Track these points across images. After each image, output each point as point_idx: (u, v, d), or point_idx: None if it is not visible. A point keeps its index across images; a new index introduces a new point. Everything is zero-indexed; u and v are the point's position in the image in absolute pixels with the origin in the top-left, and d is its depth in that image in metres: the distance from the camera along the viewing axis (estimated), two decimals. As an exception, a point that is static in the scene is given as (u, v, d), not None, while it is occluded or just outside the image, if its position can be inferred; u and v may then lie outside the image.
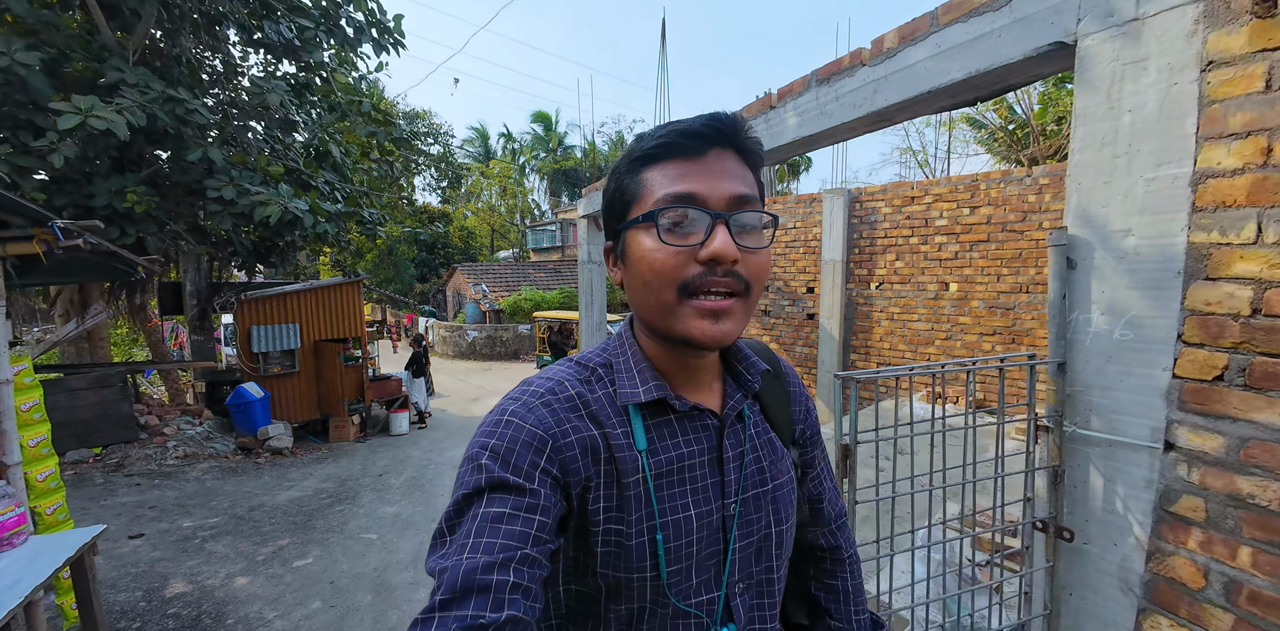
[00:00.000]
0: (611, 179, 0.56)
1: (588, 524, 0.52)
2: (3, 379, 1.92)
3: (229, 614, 2.65)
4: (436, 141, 17.15)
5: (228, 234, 5.00)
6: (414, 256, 20.14)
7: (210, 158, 4.03)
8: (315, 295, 7.41)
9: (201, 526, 3.77)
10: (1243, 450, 1.20)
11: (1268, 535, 1.17)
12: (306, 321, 7.27)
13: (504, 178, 24.48)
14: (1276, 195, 1.13)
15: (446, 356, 15.71)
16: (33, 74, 3.54)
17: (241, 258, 5.94)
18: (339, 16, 4.68)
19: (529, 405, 0.52)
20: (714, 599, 0.56)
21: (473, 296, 16.85)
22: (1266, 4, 1.13)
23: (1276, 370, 1.15)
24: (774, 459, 0.63)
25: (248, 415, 6.18)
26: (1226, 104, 1.20)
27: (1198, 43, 1.23)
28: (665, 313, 0.52)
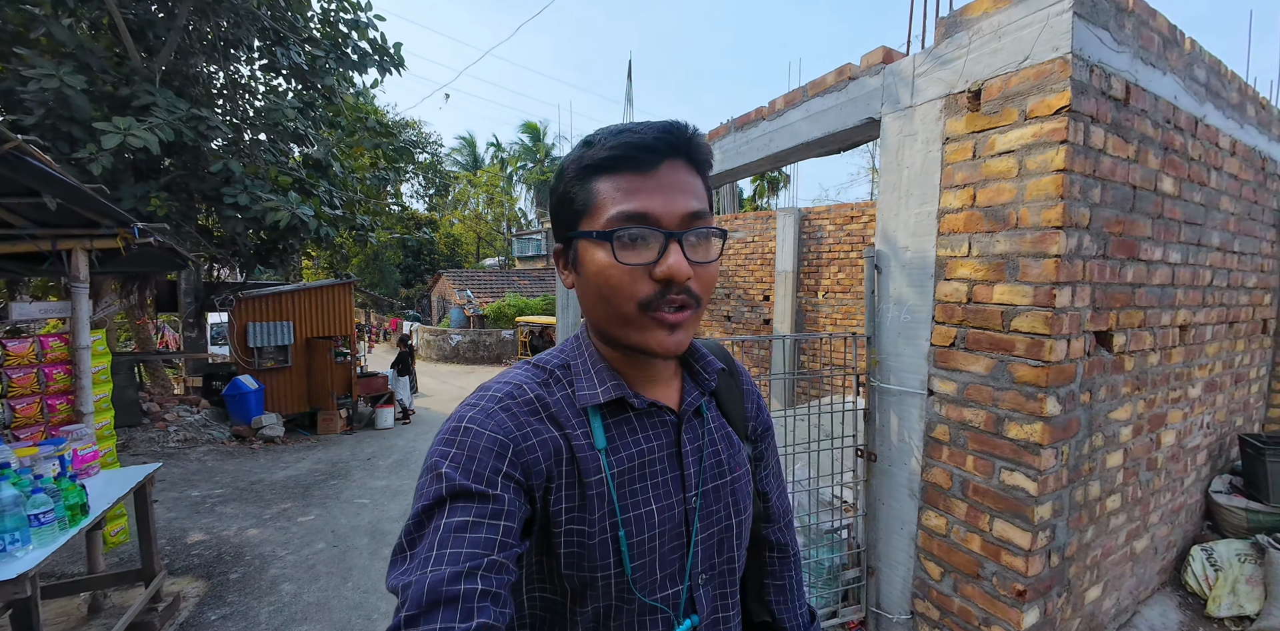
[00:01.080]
0: (559, 182, 0.55)
1: (550, 525, 0.52)
2: (83, 345, 2.45)
3: (245, 553, 3.15)
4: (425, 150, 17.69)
5: (234, 235, 5.50)
6: (400, 261, 20.52)
7: (230, 168, 4.57)
8: (308, 295, 7.88)
9: (209, 495, 4.24)
10: (965, 390, 1.86)
11: (980, 447, 1.82)
12: (299, 319, 7.73)
13: (491, 186, 25.03)
14: (978, 225, 1.80)
15: (430, 360, 16.08)
16: (76, 94, 4.07)
17: (243, 258, 6.42)
18: (347, 45, 5.28)
19: (487, 411, 0.52)
20: (678, 592, 0.57)
21: (457, 301, 17.29)
22: (976, 102, 1.81)
23: (981, 337, 1.80)
24: (731, 452, 0.64)
25: (242, 405, 6.61)
26: (954, 166, 1.87)
27: (941, 125, 1.91)
28: (623, 323, 0.52)
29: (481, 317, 16.57)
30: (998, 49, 1.71)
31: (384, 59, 5.62)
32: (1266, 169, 2.72)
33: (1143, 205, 1.88)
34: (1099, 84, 1.63)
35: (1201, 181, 2.18)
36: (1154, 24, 1.84)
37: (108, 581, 2.41)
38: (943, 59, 1.88)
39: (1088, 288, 1.71)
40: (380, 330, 19.38)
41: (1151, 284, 1.99)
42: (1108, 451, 1.91)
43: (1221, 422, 2.69)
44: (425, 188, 19.04)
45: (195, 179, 4.96)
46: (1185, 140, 2.05)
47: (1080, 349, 1.72)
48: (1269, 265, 2.90)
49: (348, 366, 8.08)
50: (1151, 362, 2.07)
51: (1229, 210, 2.42)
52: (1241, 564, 2.39)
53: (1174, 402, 2.25)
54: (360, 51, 5.41)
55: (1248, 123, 2.51)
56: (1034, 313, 1.64)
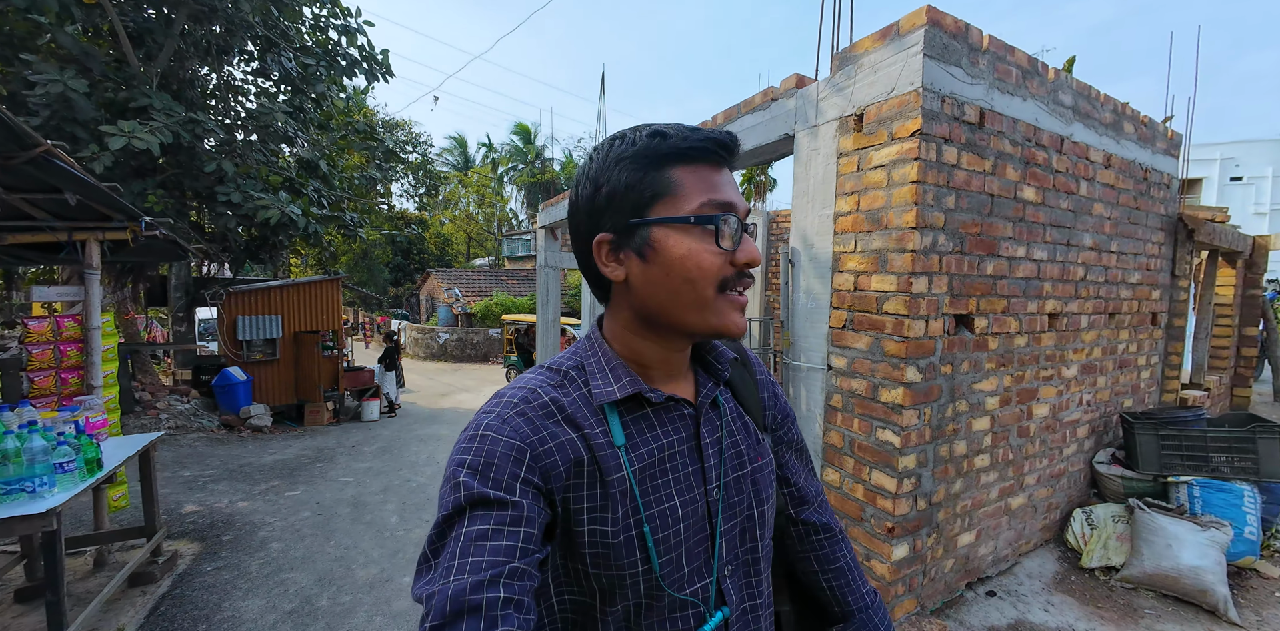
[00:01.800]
0: (615, 169, 0.54)
1: (572, 526, 0.52)
2: (94, 325, 2.74)
3: (236, 520, 3.44)
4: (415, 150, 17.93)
5: (225, 231, 5.78)
6: (389, 260, 20.71)
7: (223, 168, 4.85)
8: (297, 290, 8.13)
9: (200, 475, 4.50)
10: (853, 364, 2.21)
11: (863, 410, 2.17)
12: (288, 314, 7.97)
13: (482, 187, 25.27)
14: (861, 226, 2.16)
15: (418, 357, 16.30)
16: (79, 97, 4.34)
17: (233, 254, 6.68)
18: (337, 53, 5.59)
19: (503, 416, 0.52)
20: (706, 585, 0.57)
21: (445, 300, 17.52)
22: (860, 124, 2.17)
23: (863, 319, 2.16)
24: (751, 442, 0.65)
25: (231, 395, 6.85)
26: (845, 176, 2.23)
27: (837, 141, 2.27)
28: (700, 307, 0.53)
29: (469, 316, 16.82)
30: (874, 81, 2.07)
31: (372, 66, 5.92)
32: (1149, 179, 3.11)
33: (1002, 210, 2.25)
34: (951, 111, 2.00)
35: (1069, 190, 2.56)
36: (1011, 59, 2.21)
37: (112, 537, 2.70)
38: (837, 87, 2.24)
39: (945, 278, 2.07)
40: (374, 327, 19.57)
41: (1015, 276, 2.36)
42: (973, 416, 2.27)
43: (1105, 401, 3.07)
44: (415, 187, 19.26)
45: (190, 177, 5.23)
46: (1049, 155, 2.42)
47: (940, 328, 2.08)
48: (1156, 264, 3.29)
49: (335, 360, 8.33)
50: (1019, 344, 2.44)
51: (1104, 215, 2.80)
52: (1115, 523, 2.76)
53: (1046, 380, 2.62)
54: (349, 58, 5.71)
55: (1125, 138, 2.89)
56: (898, 297, 2.00)
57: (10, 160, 2.01)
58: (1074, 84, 2.52)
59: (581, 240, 0.58)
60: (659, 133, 0.53)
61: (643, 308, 0.56)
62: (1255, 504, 2.60)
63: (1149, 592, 2.49)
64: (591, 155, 0.57)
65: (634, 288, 0.55)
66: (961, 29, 2.00)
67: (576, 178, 0.58)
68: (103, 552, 2.81)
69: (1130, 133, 2.92)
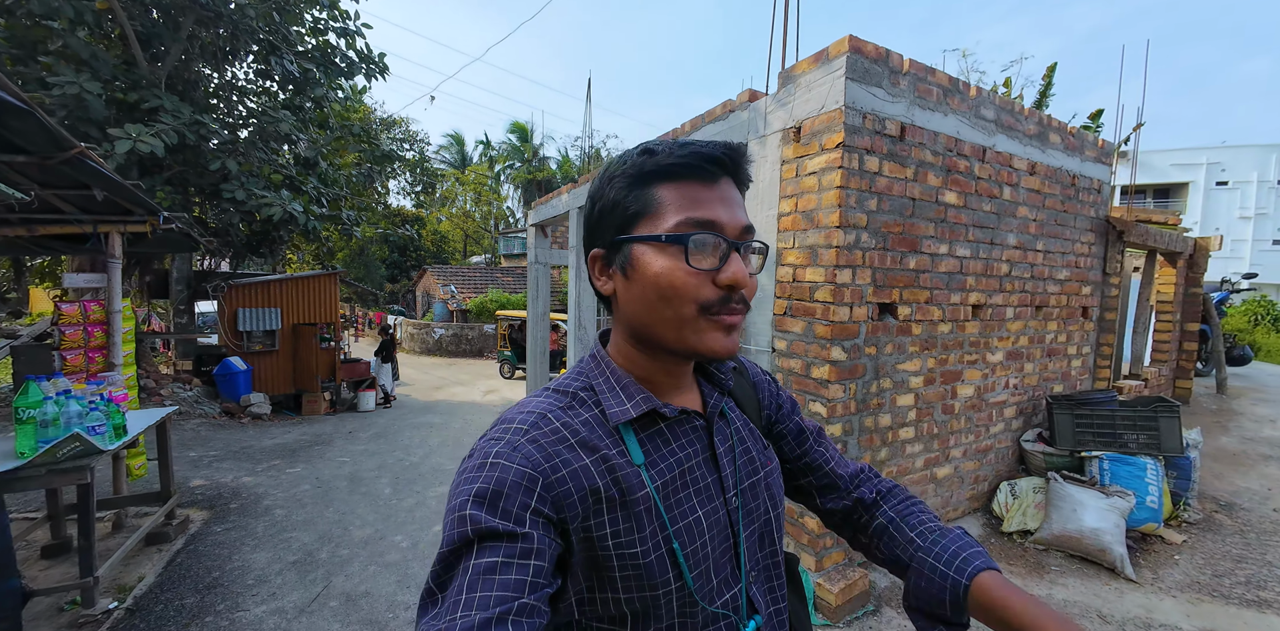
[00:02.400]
0: (608, 187, 0.55)
1: (596, 554, 0.51)
2: (116, 309, 3.02)
3: (242, 492, 3.73)
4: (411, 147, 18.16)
5: (228, 227, 6.05)
6: (385, 257, 20.94)
7: (227, 167, 5.13)
8: (296, 284, 8.39)
9: (205, 455, 4.78)
10: (791, 346, 2.51)
11: (799, 386, 2.47)
12: (286, 306, 8.24)
13: (479, 184, 25.51)
14: (799, 225, 2.46)
15: (414, 352, 16.56)
16: (93, 99, 4.61)
17: (234, 248, 6.95)
18: (335, 55, 5.86)
19: (513, 443, 0.50)
20: (736, 594, 0.57)
21: (441, 297, 17.78)
22: (799, 135, 2.47)
23: (799, 306, 2.46)
24: (759, 447, 0.66)
25: (232, 384, 7.12)
26: (785, 181, 2.53)
27: (780, 150, 2.57)
28: (679, 326, 0.53)
29: (464, 312, 17.08)
30: (809, 99, 2.37)
31: (369, 67, 6.20)
32: (1078, 184, 3.42)
33: (924, 212, 2.55)
34: (873, 126, 2.30)
35: (992, 194, 2.87)
36: (932, 79, 2.51)
37: (131, 501, 2.99)
38: (781, 102, 2.54)
39: (868, 270, 2.37)
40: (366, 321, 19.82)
41: (938, 271, 2.67)
42: (897, 393, 2.58)
43: (1034, 386, 3.38)
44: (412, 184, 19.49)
45: (195, 175, 5.50)
46: (971, 163, 2.73)
47: (864, 314, 2.39)
48: (1087, 262, 3.61)
49: (332, 352, 8.60)
50: (943, 331, 2.75)
51: (1029, 217, 3.11)
52: (1034, 494, 3.08)
53: (971, 364, 2.93)
54: (348, 60, 5.99)
55: (1051, 148, 3.20)
56: (825, 287, 2.30)
57: (48, 161, 2.30)
58: (996, 100, 2.83)
59: (583, 254, 0.60)
60: (648, 150, 0.54)
61: (630, 323, 0.57)
62: (1158, 476, 2.91)
63: (1058, 553, 2.80)
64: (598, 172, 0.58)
65: (620, 303, 0.56)
66: (882, 54, 2.30)
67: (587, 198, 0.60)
68: (120, 516, 3.10)
69: (1056, 143, 3.24)
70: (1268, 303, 13.69)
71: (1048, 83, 10.73)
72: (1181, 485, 3.20)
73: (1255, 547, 2.88)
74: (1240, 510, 3.26)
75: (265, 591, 2.47)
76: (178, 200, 5.22)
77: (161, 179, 5.34)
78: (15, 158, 2.25)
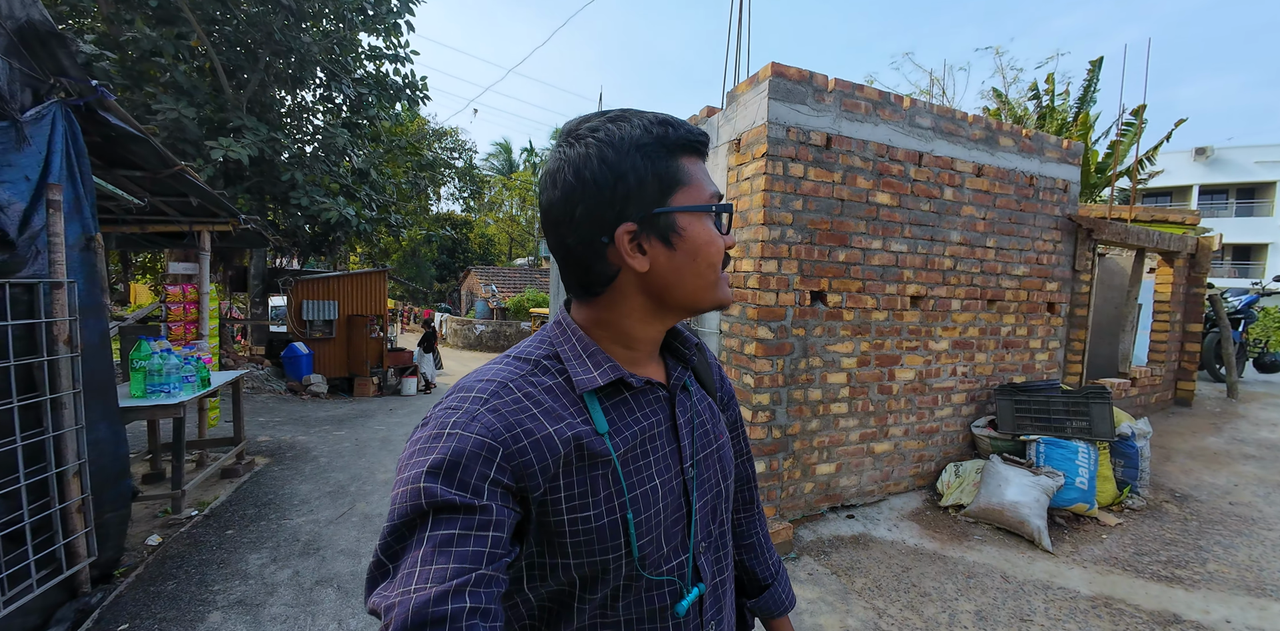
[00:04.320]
0: (630, 158, 0.53)
1: (549, 519, 0.51)
2: (204, 291, 3.81)
3: (295, 446, 4.51)
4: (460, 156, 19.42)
5: (295, 229, 7.02)
6: (435, 258, 22.41)
7: (295, 177, 6.04)
8: (351, 280, 9.42)
9: (270, 420, 5.66)
10: (732, 327, 2.92)
11: (736, 361, 2.88)
12: (343, 299, 9.27)
13: (525, 189, 26.77)
14: (738, 222, 2.87)
15: (456, 347, 17.71)
16: (189, 121, 5.59)
17: (300, 247, 7.97)
18: (386, 83, 6.74)
19: (471, 412, 0.49)
20: (683, 562, 0.59)
21: (483, 295, 18.91)
22: (739, 146, 2.89)
23: (737, 293, 2.87)
24: (715, 421, 0.69)
25: (296, 365, 8.15)
26: (730, 185, 2.95)
27: (727, 159, 2.99)
28: (714, 285, 0.58)
29: (504, 310, 18.10)
30: (745, 115, 2.78)
31: (413, 92, 7.05)
32: (1036, 184, 3.62)
33: (854, 211, 2.90)
34: (798, 137, 2.69)
35: (931, 195, 3.16)
36: (860, 94, 2.86)
37: (210, 444, 3.75)
38: (728, 117, 2.96)
39: (795, 262, 2.75)
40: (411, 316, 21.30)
41: (871, 264, 3.00)
42: (827, 371, 2.93)
43: (988, 375, 3.60)
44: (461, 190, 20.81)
45: (269, 184, 6.47)
46: (906, 167, 3.05)
47: (791, 300, 2.77)
48: (1051, 259, 3.78)
49: (381, 341, 9.57)
50: (878, 318, 3.07)
51: (976, 215, 3.36)
52: (975, 474, 3.32)
53: (911, 350, 3.22)
54: (395, 86, 6.87)
55: (1001, 151, 3.44)
56: (754, 275, 2.71)
57: (158, 175, 3.05)
58: (934, 109, 3.13)
59: (587, 232, 0.54)
60: (667, 122, 0.55)
61: (663, 292, 0.57)
62: (1089, 459, 3.10)
63: (986, 525, 3.05)
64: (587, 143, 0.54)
65: (656, 274, 0.55)
66: (805, 76, 2.69)
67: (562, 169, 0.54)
68: (203, 457, 3.88)
69: (1009, 145, 3.47)
70: None
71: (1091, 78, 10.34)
72: (1129, 473, 3.33)
73: (1192, 534, 3.01)
74: (1194, 501, 3.35)
75: (306, 509, 3.18)
76: (254, 205, 6.19)
77: (242, 188, 6.33)
78: (134, 173, 3.01)
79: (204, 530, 2.92)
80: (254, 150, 5.66)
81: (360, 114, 7.06)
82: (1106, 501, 3.22)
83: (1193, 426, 4.46)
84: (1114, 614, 2.26)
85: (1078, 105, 9.76)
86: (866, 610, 2.30)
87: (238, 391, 3.71)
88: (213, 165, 5.54)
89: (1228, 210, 25.04)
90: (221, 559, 2.65)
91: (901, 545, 2.83)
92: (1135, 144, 7.90)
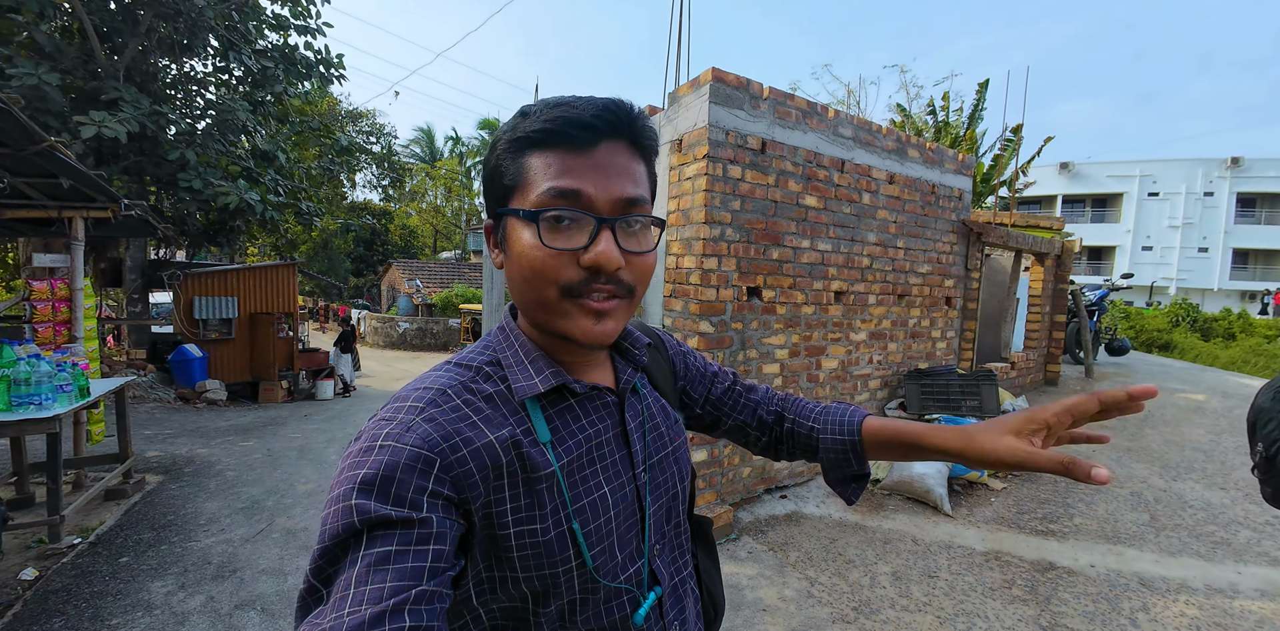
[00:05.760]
0: (491, 153, 0.52)
1: (495, 533, 0.48)
2: (78, 287, 3.31)
3: (196, 460, 4.04)
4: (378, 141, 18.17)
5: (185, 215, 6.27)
6: (350, 250, 20.82)
7: (185, 157, 5.37)
8: (253, 274, 8.56)
9: (160, 433, 5.03)
10: (675, 321, 3.02)
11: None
12: (243, 296, 8.40)
13: (450, 179, 25.51)
14: (680, 220, 2.96)
15: (377, 346, 16.61)
16: (52, 90, 4.81)
17: (191, 237, 7.12)
18: (294, 57, 6.14)
19: (406, 423, 0.46)
20: (639, 568, 0.58)
21: (406, 290, 17.87)
22: (680, 146, 2.97)
23: (680, 289, 2.96)
24: (669, 423, 0.67)
25: (188, 370, 7.29)
26: (672, 184, 3.04)
27: (670, 158, 3.07)
28: (545, 309, 0.51)
29: (430, 307, 17.23)
30: (687, 117, 2.88)
31: (328, 70, 6.50)
32: (937, 192, 4.04)
33: (785, 212, 3.10)
34: (735, 141, 2.82)
35: (851, 199, 3.44)
36: (791, 103, 3.06)
37: (91, 462, 3.29)
38: (670, 118, 3.05)
39: (733, 259, 2.90)
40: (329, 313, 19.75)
41: (800, 262, 3.22)
42: (763, 363, 3.12)
43: (899, 362, 3.99)
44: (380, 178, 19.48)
45: (152, 165, 5.71)
46: (830, 173, 3.29)
47: (730, 295, 2.91)
48: (949, 259, 4.24)
49: (290, 341, 8.78)
50: (807, 312, 3.30)
51: (888, 219, 3.70)
52: (890, 451, 3.68)
53: (835, 341, 3.50)
54: (305, 62, 6.28)
55: (910, 162, 3.80)
56: (696, 272, 2.82)
57: (21, 152, 2.63)
58: (854, 119, 3.40)
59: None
60: (524, 112, 0.51)
61: (515, 301, 0.56)
62: (981, 433, 3.54)
63: (899, 496, 3.40)
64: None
65: (506, 278, 0.54)
66: (743, 83, 2.83)
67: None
68: (81, 476, 3.40)
69: (915, 157, 3.84)
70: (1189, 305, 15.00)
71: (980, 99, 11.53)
72: (1012, 444, 3.85)
73: (1061, 494, 3.53)
74: (1060, 465, 3.94)
75: (215, 528, 2.87)
76: (134, 188, 5.43)
77: (118, 168, 5.53)
78: (-11, 149, 2.58)
79: (92, 559, 2.58)
80: (134, 126, 4.97)
81: (265, 89, 6.39)
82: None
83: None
84: (1003, 565, 2.62)
85: (968, 122, 10.92)
86: (800, 580, 2.50)
87: (123, 401, 3.29)
88: (81, 142, 4.81)
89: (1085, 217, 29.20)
90: (117, 590, 2.36)
91: (829, 519, 3.09)
92: (1014, 158, 8.99)
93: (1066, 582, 2.49)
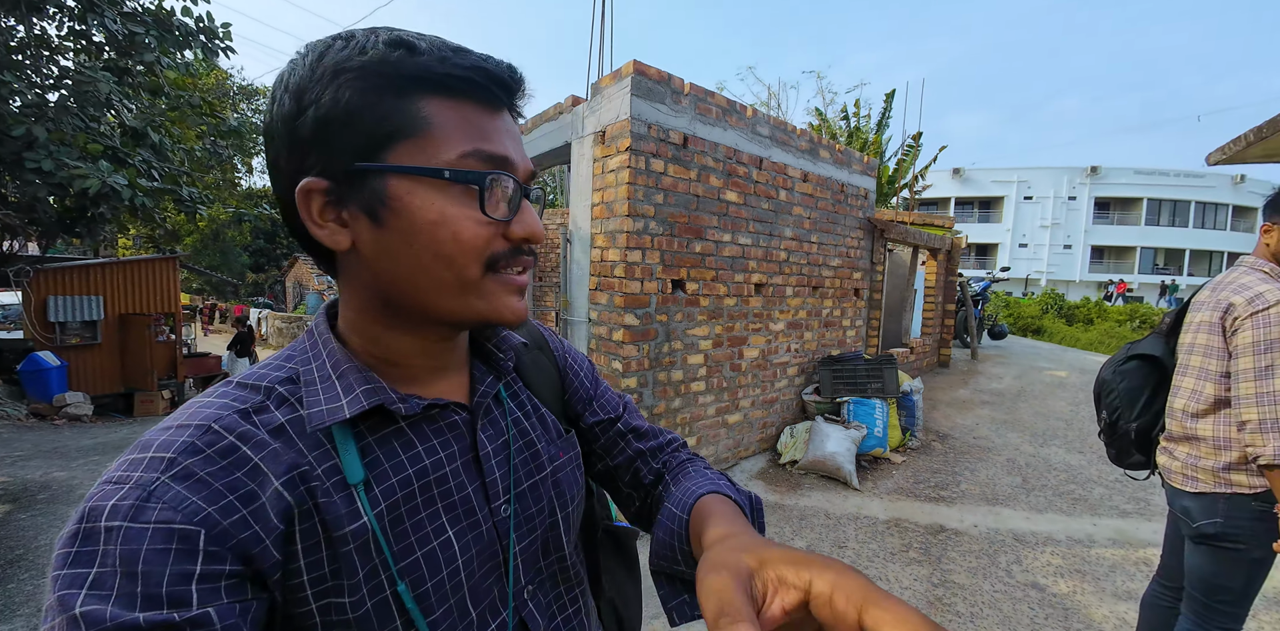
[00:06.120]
0: (337, 85, 0.38)
1: (293, 610, 0.38)
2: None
3: (52, 486, 3.49)
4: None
5: (34, 201, 5.36)
6: (247, 243, 18.84)
7: (33, 133, 4.57)
8: (123, 269, 7.51)
9: (9, 455, 4.29)
10: (600, 315, 3.01)
11: (605, 348, 2.97)
12: (111, 294, 7.36)
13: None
14: (605, 213, 2.95)
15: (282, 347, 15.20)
16: None
17: (42, 227, 6.11)
18: (170, 23, 5.39)
19: (148, 490, 0.33)
20: (503, 621, 0.48)
21: (315, 287, 16.48)
22: (604, 138, 2.95)
23: (605, 282, 2.95)
24: (550, 437, 0.55)
25: (42, 382, 6.28)
26: (596, 176, 3.01)
27: (593, 150, 3.04)
28: (462, 291, 0.42)
29: (343, 304, 16.01)
30: (610, 108, 2.87)
31: (210, 40, 5.78)
32: (846, 191, 4.32)
33: (707, 207, 3.19)
34: (657, 135, 2.86)
35: (769, 196, 3.59)
36: (711, 100, 3.14)
37: (-94, 493, 2.75)
38: (593, 109, 3.02)
39: (657, 252, 2.94)
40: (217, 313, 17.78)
41: (722, 255, 3.33)
42: (688, 354, 3.20)
43: (814, 350, 4.25)
44: (279, 165, 17.69)
45: (-14, 141, 4.81)
46: (749, 170, 3.42)
47: (655, 288, 2.96)
48: (857, 254, 4.56)
49: (172, 345, 7.83)
50: (729, 304, 3.42)
51: (803, 215, 3.91)
52: (806, 433, 3.90)
53: (755, 331, 3.66)
54: (185, 29, 5.54)
55: (821, 161, 4.03)
56: (621, 265, 2.83)
57: None
58: (771, 119, 3.56)
59: (282, 182, 0.41)
60: (405, 43, 0.38)
61: (382, 287, 0.42)
62: (884, 413, 3.86)
63: (813, 475, 3.63)
64: (295, 59, 0.40)
65: (366, 259, 0.41)
66: (665, 77, 2.86)
67: (274, 89, 0.41)
68: (-108, 511, 2.83)
69: (826, 157, 4.09)
70: (1056, 295, 17.24)
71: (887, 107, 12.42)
72: (910, 421, 4.23)
73: (951, 463, 3.93)
74: (952, 439, 4.38)
75: (79, 559, 2.49)
76: (-41, 169, 4.54)
77: (-64, 144, 4.61)
78: None
79: (-90, 605, 2.16)
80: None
81: (133, 58, 5.56)
82: (895, 444, 4.04)
83: (950, 382, 5.79)
84: (901, 530, 2.88)
85: (876, 128, 11.79)
86: (726, 561, 2.60)
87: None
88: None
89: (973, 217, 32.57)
90: (-53, 638, 2.00)
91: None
92: (914, 163, 9.83)
93: (954, 542, 2.78)
